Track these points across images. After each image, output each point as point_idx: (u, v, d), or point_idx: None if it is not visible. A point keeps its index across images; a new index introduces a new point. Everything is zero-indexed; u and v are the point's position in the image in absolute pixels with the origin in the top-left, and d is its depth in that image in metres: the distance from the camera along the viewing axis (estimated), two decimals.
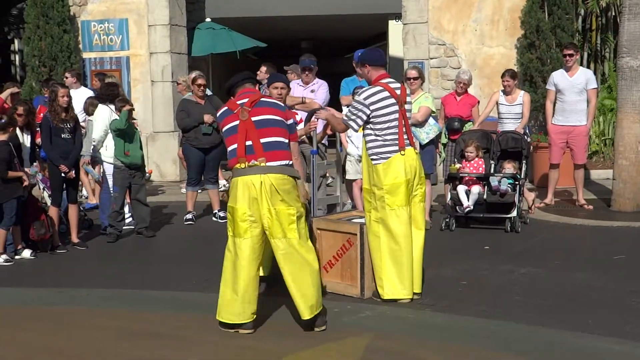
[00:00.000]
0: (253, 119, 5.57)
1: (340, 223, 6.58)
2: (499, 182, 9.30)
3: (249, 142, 5.51)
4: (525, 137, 9.87)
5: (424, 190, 6.48)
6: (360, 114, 6.30)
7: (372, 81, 6.46)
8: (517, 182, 9.34)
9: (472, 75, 10.99)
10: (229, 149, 5.62)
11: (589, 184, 12.11)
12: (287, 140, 5.66)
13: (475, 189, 9.38)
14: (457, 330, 5.62)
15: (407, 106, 6.45)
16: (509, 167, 9.54)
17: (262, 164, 5.47)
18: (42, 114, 9.23)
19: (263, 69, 11.96)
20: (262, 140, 5.52)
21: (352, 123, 6.37)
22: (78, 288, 7.10)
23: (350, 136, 9.57)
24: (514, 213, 9.15)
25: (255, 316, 5.54)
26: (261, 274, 6.72)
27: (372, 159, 6.32)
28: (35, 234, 8.35)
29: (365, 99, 6.30)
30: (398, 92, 6.35)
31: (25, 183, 8.09)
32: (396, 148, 6.25)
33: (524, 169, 9.54)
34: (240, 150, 5.51)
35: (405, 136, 6.33)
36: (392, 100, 6.29)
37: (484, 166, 9.62)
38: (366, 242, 6.36)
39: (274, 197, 5.45)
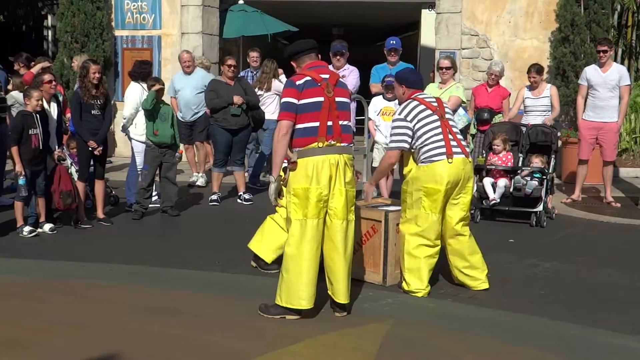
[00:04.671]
0: (336, 99, 5.48)
1: (365, 210, 6.56)
2: (525, 184, 9.22)
3: (330, 123, 5.42)
4: (556, 130, 9.76)
5: (467, 200, 6.26)
6: (404, 130, 6.12)
7: (406, 99, 6.32)
8: (544, 177, 9.26)
9: (504, 67, 10.90)
10: (304, 125, 5.40)
11: (618, 182, 11.99)
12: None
13: (502, 181, 9.32)
14: (478, 322, 5.59)
15: (449, 116, 6.25)
16: (537, 162, 9.46)
17: (338, 144, 5.45)
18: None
19: (254, 54, 11.94)
20: (341, 123, 5.48)
21: (403, 144, 6.16)
22: (101, 263, 7.14)
23: (378, 125, 9.57)
24: (540, 207, 9.07)
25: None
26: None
27: (419, 161, 6.16)
28: (62, 203, 8.40)
29: (403, 115, 6.16)
30: (434, 104, 6.21)
31: (18, 169, 7.97)
32: (443, 153, 6.06)
33: (552, 163, 9.45)
34: (323, 130, 5.39)
35: (454, 144, 6.12)
36: (430, 112, 6.14)
37: (512, 160, 9.54)
38: (390, 230, 6.34)
39: (346, 176, 5.48)
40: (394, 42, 10.22)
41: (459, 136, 6.26)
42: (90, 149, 8.60)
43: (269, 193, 5.57)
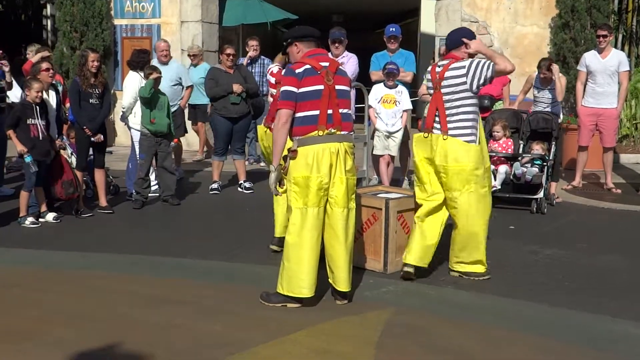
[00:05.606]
0: (336, 87, 5.47)
1: (365, 197, 6.56)
2: (525, 172, 9.20)
3: (330, 111, 5.41)
4: (557, 117, 9.67)
5: (446, 181, 6.10)
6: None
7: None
8: (545, 164, 9.25)
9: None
10: (303, 114, 5.38)
11: (618, 168, 11.98)
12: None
13: (502, 168, 9.31)
14: (479, 309, 5.60)
15: (445, 89, 6.07)
16: (537, 148, 9.45)
17: (338, 133, 5.45)
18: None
19: (254, 43, 11.85)
20: (341, 111, 5.48)
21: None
22: (102, 252, 7.16)
23: (379, 112, 9.57)
24: (541, 194, 9.07)
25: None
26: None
27: None
28: (64, 192, 8.40)
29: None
30: (438, 73, 6.13)
31: (20, 148, 7.96)
32: (422, 127, 6.15)
33: (552, 150, 9.43)
34: (323, 118, 5.38)
35: (436, 119, 6.08)
36: (431, 82, 6.21)
37: (513, 147, 9.53)
38: (391, 217, 6.35)
39: (347, 164, 5.48)
40: (394, 29, 10.21)
41: (451, 111, 6.05)
42: (91, 138, 8.60)
43: (269, 182, 5.57)
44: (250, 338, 4.91)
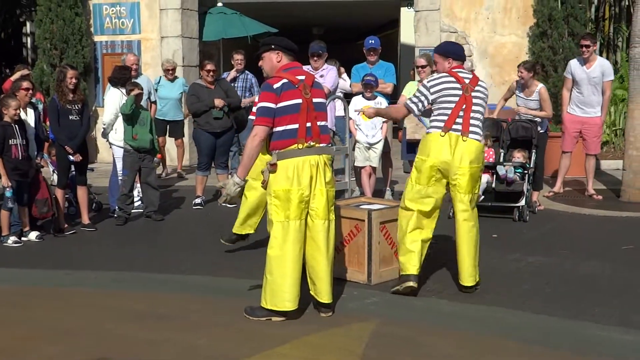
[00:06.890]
0: (313, 100, 5.49)
1: (348, 209, 6.59)
2: (507, 170, 9.28)
3: (308, 124, 5.43)
4: (540, 128, 9.67)
5: (462, 182, 6.07)
6: (422, 98, 6.22)
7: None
8: (526, 172, 9.32)
9: (471, 64, 10.93)
10: (282, 128, 5.39)
11: (599, 174, 12.06)
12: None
13: (484, 177, 9.34)
14: (463, 318, 5.63)
15: (475, 93, 6.15)
16: (518, 156, 9.51)
17: (318, 145, 5.47)
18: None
19: (239, 57, 11.83)
20: (319, 124, 5.51)
21: (413, 106, 6.28)
22: (86, 270, 7.13)
23: (359, 124, 9.61)
24: (523, 202, 9.13)
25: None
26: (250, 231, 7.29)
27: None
28: (37, 211, 8.37)
29: (429, 84, 6.24)
30: (467, 80, 6.17)
31: (4, 181, 7.93)
32: (439, 126, 6.08)
33: (533, 158, 9.49)
34: (302, 132, 5.39)
35: (458, 120, 6.07)
36: (457, 85, 6.12)
37: (494, 156, 9.59)
38: (374, 229, 6.37)
39: (326, 176, 5.50)
40: (373, 41, 10.26)
41: (477, 115, 6.18)
42: (69, 156, 8.56)
43: (227, 192, 5.52)
44: (235, 352, 4.92)
